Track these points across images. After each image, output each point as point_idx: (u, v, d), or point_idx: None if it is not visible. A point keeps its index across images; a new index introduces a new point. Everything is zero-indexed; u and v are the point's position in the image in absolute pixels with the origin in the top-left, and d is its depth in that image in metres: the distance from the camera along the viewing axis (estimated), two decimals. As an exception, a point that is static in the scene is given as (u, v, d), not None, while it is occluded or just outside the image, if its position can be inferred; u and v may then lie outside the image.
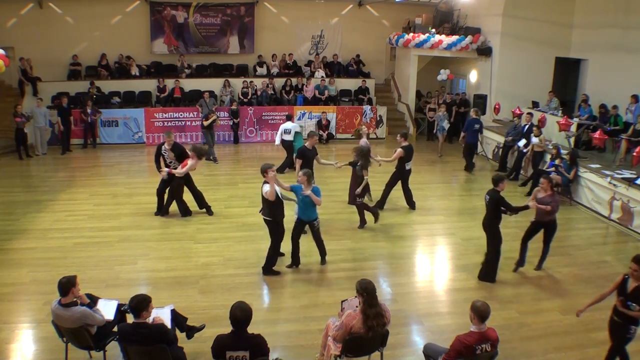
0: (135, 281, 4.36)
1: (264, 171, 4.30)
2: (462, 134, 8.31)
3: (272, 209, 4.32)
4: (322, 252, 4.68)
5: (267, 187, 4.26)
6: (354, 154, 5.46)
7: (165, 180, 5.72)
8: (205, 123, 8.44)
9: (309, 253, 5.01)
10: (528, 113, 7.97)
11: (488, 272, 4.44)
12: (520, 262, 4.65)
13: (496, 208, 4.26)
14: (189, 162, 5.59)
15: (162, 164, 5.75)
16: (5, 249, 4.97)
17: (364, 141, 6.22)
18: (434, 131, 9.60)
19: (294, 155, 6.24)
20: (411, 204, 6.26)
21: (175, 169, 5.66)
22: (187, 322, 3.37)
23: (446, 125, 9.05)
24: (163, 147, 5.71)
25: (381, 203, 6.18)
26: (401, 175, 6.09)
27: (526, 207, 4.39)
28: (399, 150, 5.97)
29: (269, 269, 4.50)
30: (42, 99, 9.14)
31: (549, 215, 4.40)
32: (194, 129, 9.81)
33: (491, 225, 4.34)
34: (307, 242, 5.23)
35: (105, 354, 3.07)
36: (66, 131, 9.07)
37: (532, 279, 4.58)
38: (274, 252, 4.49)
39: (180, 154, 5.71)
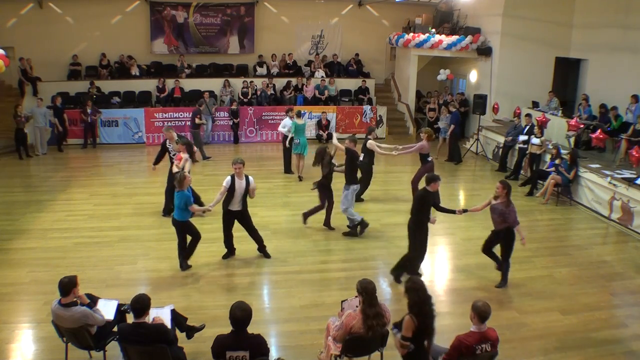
0: (135, 281, 4.36)
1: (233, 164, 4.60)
2: (452, 126, 8.55)
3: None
4: (181, 255, 4.56)
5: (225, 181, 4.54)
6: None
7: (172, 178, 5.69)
8: (198, 121, 8.49)
9: (307, 253, 5.02)
10: (527, 115, 7.95)
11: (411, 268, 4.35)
12: (498, 263, 4.38)
13: (419, 206, 4.17)
14: (182, 156, 5.52)
15: (160, 161, 5.76)
16: (5, 248, 4.96)
17: (422, 143, 6.11)
18: (439, 133, 9.50)
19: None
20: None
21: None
22: (187, 322, 3.37)
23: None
24: (167, 141, 5.76)
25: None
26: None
27: (452, 211, 4.34)
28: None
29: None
30: (42, 99, 9.13)
31: (503, 223, 4.13)
32: (194, 129, 9.85)
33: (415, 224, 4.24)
34: (305, 242, 5.25)
35: (105, 354, 3.07)
36: (60, 130, 9.07)
37: (532, 279, 4.57)
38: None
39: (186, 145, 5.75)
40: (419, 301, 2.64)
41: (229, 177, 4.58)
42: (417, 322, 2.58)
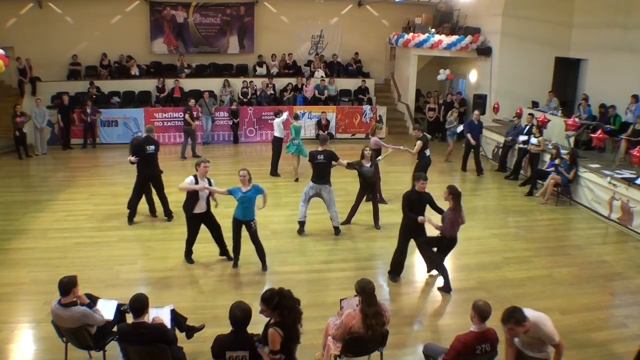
0: (134, 281, 4.35)
1: (197, 165, 4.50)
2: (481, 136, 8.22)
3: (186, 201, 4.49)
4: (261, 255, 4.54)
5: (188, 179, 4.42)
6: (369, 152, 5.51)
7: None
8: (187, 118, 8.54)
9: (306, 253, 5.01)
10: (529, 114, 7.96)
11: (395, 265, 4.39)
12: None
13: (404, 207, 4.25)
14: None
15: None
16: (5, 248, 4.96)
17: (374, 139, 6.37)
18: (446, 134, 9.17)
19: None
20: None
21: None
22: (187, 322, 3.36)
23: (458, 130, 8.58)
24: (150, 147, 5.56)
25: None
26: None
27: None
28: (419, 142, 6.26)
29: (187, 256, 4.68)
30: (41, 99, 9.08)
31: (444, 229, 4.09)
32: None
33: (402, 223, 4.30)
34: (304, 241, 5.24)
35: (105, 354, 3.05)
36: (66, 129, 9.08)
37: (532, 278, 4.57)
38: (187, 244, 4.65)
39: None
40: (289, 307, 2.55)
41: (192, 177, 4.45)
42: (284, 332, 2.51)
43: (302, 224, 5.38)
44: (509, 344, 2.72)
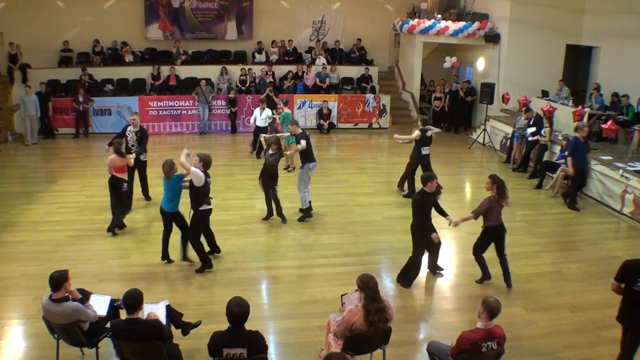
0: (128, 276, 4.25)
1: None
2: (569, 158, 5.87)
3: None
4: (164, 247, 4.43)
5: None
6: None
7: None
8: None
9: (307, 247, 4.87)
10: (525, 109, 7.48)
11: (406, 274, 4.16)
12: (485, 275, 4.20)
13: (417, 210, 4.01)
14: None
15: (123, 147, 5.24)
16: (-7, 242, 4.82)
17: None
18: (513, 139, 7.66)
19: None
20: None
21: (138, 153, 5.41)
22: (183, 318, 3.28)
23: (530, 137, 6.98)
24: (129, 128, 5.52)
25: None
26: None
27: (445, 214, 4.22)
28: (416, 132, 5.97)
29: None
30: (31, 86, 8.79)
31: (488, 220, 4.08)
32: (189, 118, 9.55)
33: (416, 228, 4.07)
34: (305, 235, 5.09)
35: (98, 351, 2.95)
36: (42, 117, 8.75)
37: (540, 275, 4.45)
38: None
39: (142, 138, 5.52)
40: None
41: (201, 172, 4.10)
42: None
43: (308, 210, 5.32)
44: None
